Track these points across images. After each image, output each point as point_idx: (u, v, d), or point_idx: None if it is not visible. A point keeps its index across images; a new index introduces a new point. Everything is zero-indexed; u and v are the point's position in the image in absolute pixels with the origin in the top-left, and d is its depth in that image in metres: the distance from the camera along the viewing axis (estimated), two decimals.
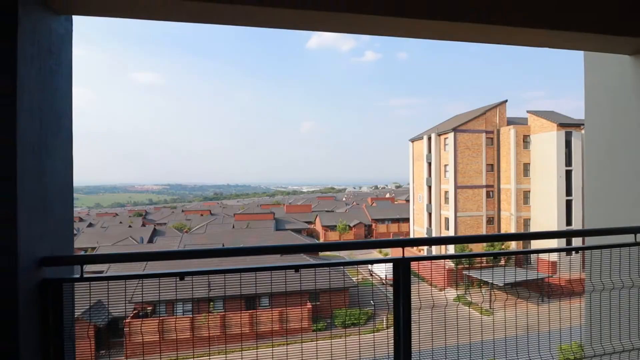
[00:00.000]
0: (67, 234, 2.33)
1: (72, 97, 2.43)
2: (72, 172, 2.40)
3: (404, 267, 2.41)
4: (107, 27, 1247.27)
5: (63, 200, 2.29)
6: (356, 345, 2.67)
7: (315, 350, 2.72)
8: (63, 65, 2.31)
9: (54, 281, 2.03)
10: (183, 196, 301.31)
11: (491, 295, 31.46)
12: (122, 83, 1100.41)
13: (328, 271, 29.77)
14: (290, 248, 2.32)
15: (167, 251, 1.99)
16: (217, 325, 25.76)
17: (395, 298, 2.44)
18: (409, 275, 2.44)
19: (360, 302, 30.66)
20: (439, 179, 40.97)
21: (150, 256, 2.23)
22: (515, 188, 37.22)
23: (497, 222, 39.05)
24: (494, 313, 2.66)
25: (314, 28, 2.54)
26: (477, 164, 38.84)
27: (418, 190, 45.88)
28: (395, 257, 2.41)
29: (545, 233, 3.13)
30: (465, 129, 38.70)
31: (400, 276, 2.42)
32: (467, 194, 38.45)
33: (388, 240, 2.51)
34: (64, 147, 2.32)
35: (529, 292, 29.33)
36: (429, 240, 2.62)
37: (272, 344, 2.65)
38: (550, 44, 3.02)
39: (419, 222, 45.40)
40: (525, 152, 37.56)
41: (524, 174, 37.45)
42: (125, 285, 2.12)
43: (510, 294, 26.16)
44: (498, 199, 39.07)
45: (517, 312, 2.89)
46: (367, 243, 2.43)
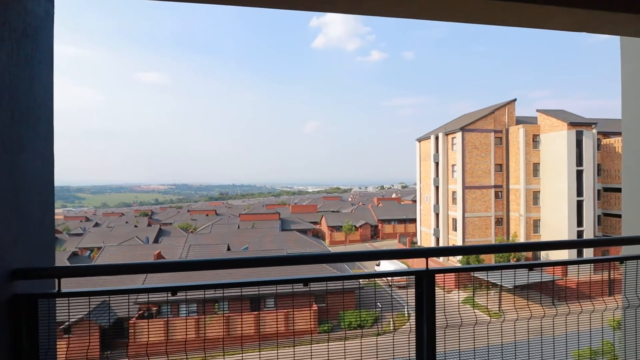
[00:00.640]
0: (46, 241, 2.05)
1: (53, 87, 2.15)
2: (52, 170, 2.12)
3: (428, 280, 2.12)
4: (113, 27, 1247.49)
5: (41, 202, 2.02)
6: (364, 348, 2.37)
7: (327, 352, 2.45)
8: (42, 51, 2.03)
9: (26, 297, 1.76)
10: (189, 196, 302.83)
11: (500, 298, 30.95)
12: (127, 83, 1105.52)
13: (338, 277, 29.39)
14: (299, 258, 2.04)
15: (159, 262, 1.71)
16: (221, 326, 25.57)
17: (418, 315, 2.14)
18: (434, 290, 2.15)
19: (367, 303, 30.29)
20: (446, 179, 40.44)
21: (138, 268, 1.95)
22: (524, 188, 36.60)
23: (505, 223, 38.45)
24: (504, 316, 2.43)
25: (319, 8, 2.23)
26: (485, 164, 38.26)
27: (425, 191, 45.37)
28: (418, 269, 2.11)
29: (583, 242, 2.79)
30: (474, 128, 38.15)
31: (424, 290, 2.12)
32: (475, 194, 37.90)
33: (410, 250, 2.21)
34: (43, 142, 2.04)
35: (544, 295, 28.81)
36: (455, 250, 2.31)
37: (277, 346, 2.34)
38: (588, 27, 2.70)
39: (426, 223, 44.89)
40: (535, 152, 36.92)
41: (534, 174, 36.82)
42: (109, 301, 1.84)
43: (521, 296, 25.66)
44: (507, 199, 38.46)
45: (530, 315, 2.53)
46: (386, 253, 2.14)
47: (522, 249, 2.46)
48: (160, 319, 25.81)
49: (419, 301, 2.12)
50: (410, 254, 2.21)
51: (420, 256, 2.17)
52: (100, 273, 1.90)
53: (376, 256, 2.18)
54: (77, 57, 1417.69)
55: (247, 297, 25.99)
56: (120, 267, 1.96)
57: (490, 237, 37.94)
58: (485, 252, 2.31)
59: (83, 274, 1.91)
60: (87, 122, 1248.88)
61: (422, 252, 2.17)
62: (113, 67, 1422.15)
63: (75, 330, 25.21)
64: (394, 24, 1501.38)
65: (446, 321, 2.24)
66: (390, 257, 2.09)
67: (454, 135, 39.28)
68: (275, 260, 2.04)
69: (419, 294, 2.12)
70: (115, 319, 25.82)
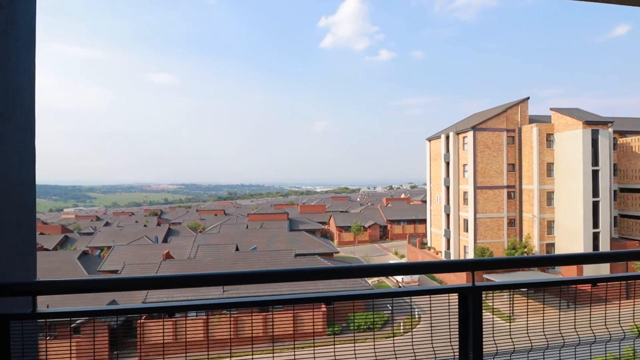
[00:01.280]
0: (24, 251, 1.74)
1: (34, 71, 1.85)
2: (34, 167, 1.82)
3: (475, 298, 1.76)
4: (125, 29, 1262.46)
5: (18, 204, 1.71)
6: (373, 350, 2.03)
7: (335, 355, 2.12)
8: (18, 27, 1.72)
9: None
10: (198, 196, 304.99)
11: (512, 300, 30.22)
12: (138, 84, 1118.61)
13: None
14: (321, 273, 1.70)
15: (155, 278, 1.42)
16: (229, 327, 25.35)
17: (462, 340, 1.78)
18: (481, 310, 1.78)
19: (377, 305, 29.89)
20: (457, 179, 39.77)
21: (128, 284, 1.62)
22: (538, 188, 35.78)
23: (518, 224, 37.64)
24: (563, 340, 2.18)
25: None
26: (497, 164, 37.51)
27: (435, 191, 44.71)
28: (462, 286, 1.76)
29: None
30: (485, 127, 37.42)
31: (469, 312, 1.76)
32: (487, 194, 37.17)
33: (454, 263, 1.85)
34: (21, 133, 1.73)
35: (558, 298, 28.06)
36: (505, 262, 1.95)
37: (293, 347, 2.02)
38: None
39: (437, 224, 44.23)
40: (549, 151, 36.08)
41: (548, 174, 35.97)
42: (94, 324, 1.51)
43: (533, 299, 24.98)
44: (520, 199, 37.66)
45: (594, 339, 2.14)
46: (424, 266, 1.78)
47: (593, 260, 2.08)
48: (169, 319, 25.71)
49: (464, 324, 1.77)
50: (452, 267, 1.85)
51: (465, 269, 1.82)
52: (82, 289, 1.59)
53: (412, 269, 1.82)
54: (89, 59, 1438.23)
55: (255, 304, 25.72)
56: (108, 282, 1.64)
57: (503, 238, 37.17)
58: (543, 264, 1.95)
59: (62, 290, 1.59)
60: (99, 123, 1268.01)
61: (467, 265, 1.82)
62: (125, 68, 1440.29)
63: (84, 329, 25.22)
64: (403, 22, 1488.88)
65: (496, 347, 1.87)
66: (428, 271, 1.74)
67: (465, 135, 38.60)
68: (289, 275, 1.70)
69: (462, 316, 1.77)
70: (124, 319, 25.80)
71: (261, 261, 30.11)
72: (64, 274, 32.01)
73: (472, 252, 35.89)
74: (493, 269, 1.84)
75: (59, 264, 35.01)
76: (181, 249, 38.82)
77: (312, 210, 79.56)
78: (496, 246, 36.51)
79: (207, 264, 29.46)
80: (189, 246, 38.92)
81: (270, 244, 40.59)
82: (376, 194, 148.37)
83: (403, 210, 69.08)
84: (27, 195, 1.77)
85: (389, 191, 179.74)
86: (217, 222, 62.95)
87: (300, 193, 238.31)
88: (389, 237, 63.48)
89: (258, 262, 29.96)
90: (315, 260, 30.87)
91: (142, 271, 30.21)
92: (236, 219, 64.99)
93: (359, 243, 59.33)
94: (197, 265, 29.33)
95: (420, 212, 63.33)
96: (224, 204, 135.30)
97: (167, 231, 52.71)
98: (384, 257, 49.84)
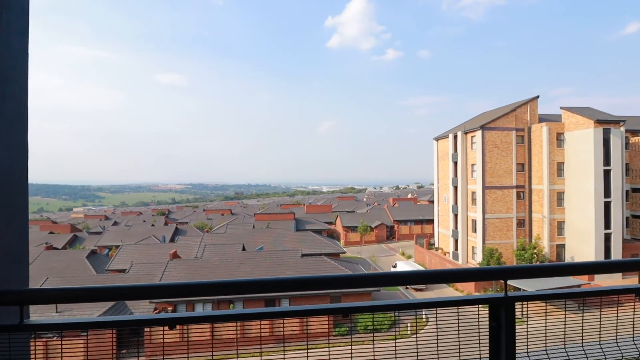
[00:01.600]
0: (13, 256, 1.60)
1: (27, 60, 1.71)
2: (26, 165, 1.68)
3: (507, 310, 1.60)
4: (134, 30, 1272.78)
5: (6, 204, 1.57)
6: (380, 352, 1.86)
7: (342, 356, 1.96)
8: (9, 10, 1.59)
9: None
10: (205, 195, 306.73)
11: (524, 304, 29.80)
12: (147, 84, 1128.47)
13: None
14: (334, 281, 1.54)
15: (150, 286, 1.29)
16: (236, 327, 25.30)
17: (494, 356, 1.62)
18: (514, 323, 1.61)
19: None
20: (465, 179, 39.34)
21: (126, 293, 1.48)
22: (548, 189, 35.23)
23: (528, 225, 37.12)
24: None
25: None
26: (506, 164, 37.02)
27: (443, 191, 44.30)
28: (493, 296, 1.60)
29: None
30: (494, 127, 36.96)
31: (502, 325, 1.59)
32: (496, 194, 36.70)
33: (485, 271, 1.67)
34: (10, 127, 1.59)
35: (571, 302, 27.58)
36: (539, 270, 1.77)
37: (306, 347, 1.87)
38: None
39: (444, 224, 43.83)
40: (559, 151, 35.51)
41: (558, 173, 35.42)
42: (87, 337, 1.37)
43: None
44: (529, 200, 37.13)
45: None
46: (455, 273, 1.62)
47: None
48: (169, 330, 25.74)
49: (495, 338, 1.60)
50: (482, 275, 1.68)
51: (496, 278, 1.65)
52: (75, 299, 1.44)
53: (437, 277, 1.65)
54: (97, 60, 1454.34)
55: (262, 298, 25.68)
56: (103, 291, 1.49)
57: (512, 239, 36.68)
58: (581, 272, 1.77)
59: (54, 299, 1.45)
60: (107, 123, 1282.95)
61: (499, 273, 1.65)
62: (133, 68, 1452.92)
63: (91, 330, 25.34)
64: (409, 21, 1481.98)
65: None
66: (456, 279, 1.58)
67: (473, 134, 38.17)
68: (300, 284, 1.53)
69: (494, 329, 1.61)
70: None
71: (268, 261, 30.03)
72: (72, 273, 32.25)
73: (481, 253, 35.47)
74: (526, 277, 1.66)
75: (68, 263, 35.30)
76: (188, 248, 38.92)
77: (319, 210, 79.41)
78: (505, 247, 36.04)
79: (214, 263, 29.45)
80: (196, 246, 39.01)
81: (276, 244, 40.53)
82: (383, 194, 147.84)
83: (410, 210, 68.63)
84: (18, 194, 1.64)
85: (395, 191, 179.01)
86: (224, 221, 63.11)
87: (307, 193, 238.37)
88: (395, 238, 63.10)
89: (264, 262, 29.88)
90: (321, 259, 30.72)
91: (150, 270, 30.30)
92: (243, 219, 65.10)
93: (366, 243, 59.06)
94: (204, 264, 29.34)
95: (428, 212, 62.86)
96: (230, 203, 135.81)
97: (175, 231, 52.94)
98: (390, 258, 49.52)
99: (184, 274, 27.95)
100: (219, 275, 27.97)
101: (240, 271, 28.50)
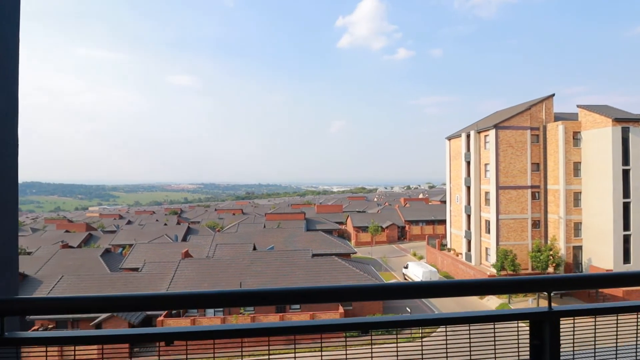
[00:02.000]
0: (1, 260, 1.49)
1: (17, 50, 1.58)
2: (16, 160, 1.56)
3: (552, 326, 1.43)
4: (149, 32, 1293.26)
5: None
6: (389, 354, 1.71)
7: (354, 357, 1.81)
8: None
9: None
10: (216, 195, 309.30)
11: (539, 304, 29.09)
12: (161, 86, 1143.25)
13: (361, 274, 28.46)
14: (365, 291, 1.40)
15: (144, 297, 1.20)
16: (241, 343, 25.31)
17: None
18: (559, 341, 1.44)
19: (395, 308, 29.31)
20: (478, 178, 38.71)
21: (115, 305, 1.37)
22: (564, 189, 34.42)
23: (543, 226, 36.33)
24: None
25: None
26: (521, 163, 36.29)
27: (455, 191, 43.70)
28: (534, 310, 1.45)
29: None
30: (508, 126, 36.27)
31: (546, 343, 1.42)
32: (510, 195, 36.01)
33: (526, 280, 1.50)
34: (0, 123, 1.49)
35: None
36: (585, 281, 1.58)
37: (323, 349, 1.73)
38: None
39: (457, 225, 43.23)
40: (576, 150, 34.66)
41: (575, 173, 34.56)
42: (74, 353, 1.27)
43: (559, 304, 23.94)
44: (545, 200, 36.34)
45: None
46: (495, 284, 1.45)
47: None
48: (188, 317, 25.92)
49: (537, 356, 1.44)
50: (521, 286, 1.51)
51: (539, 289, 1.49)
52: (64, 310, 1.33)
53: (470, 289, 1.48)
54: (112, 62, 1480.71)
55: None
56: (98, 301, 1.36)
57: (527, 240, 35.94)
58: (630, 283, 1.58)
59: (40, 310, 1.34)
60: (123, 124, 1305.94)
61: (542, 284, 1.49)
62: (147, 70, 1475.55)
63: (106, 325, 25.65)
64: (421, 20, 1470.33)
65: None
66: (491, 291, 1.42)
67: (486, 133, 37.53)
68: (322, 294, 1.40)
69: (536, 348, 1.44)
70: (143, 317, 26.17)
71: (278, 261, 30.02)
72: (87, 271, 32.80)
73: (495, 254, 34.84)
74: (573, 288, 1.50)
75: (83, 261, 35.93)
76: (200, 247, 39.21)
77: (329, 210, 79.24)
78: (520, 248, 35.34)
79: (225, 263, 29.58)
80: (208, 245, 39.28)
81: (287, 244, 40.53)
82: (394, 194, 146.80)
83: (421, 210, 67.95)
84: (6, 193, 1.52)
85: (406, 191, 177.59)
86: (235, 221, 63.46)
87: (317, 193, 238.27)
88: (407, 238, 62.56)
89: (275, 261, 29.89)
90: (332, 259, 30.58)
91: (162, 269, 30.60)
92: (254, 219, 65.36)
93: (377, 244, 58.66)
94: (215, 264, 29.49)
95: (440, 212, 62.14)
96: (241, 203, 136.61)
97: (187, 230, 53.43)
98: (402, 259, 49.08)
99: (196, 273, 28.14)
100: (230, 275, 28.08)
101: (250, 271, 28.56)
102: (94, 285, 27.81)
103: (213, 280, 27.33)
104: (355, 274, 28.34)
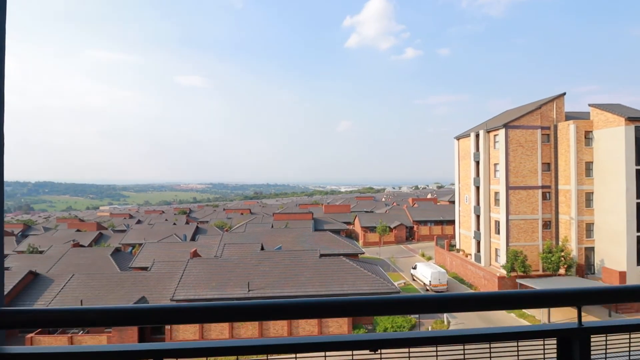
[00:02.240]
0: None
1: (3, 43, 1.53)
2: (1, 159, 1.48)
3: (583, 344, 1.32)
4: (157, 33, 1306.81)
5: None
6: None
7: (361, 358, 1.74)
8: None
9: None
10: (225, 195, 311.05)
11: (549, 313, 28.60)
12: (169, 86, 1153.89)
13: (369, 274, 28.33)
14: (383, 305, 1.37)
15: (137, 310, 1.26)
16: (253, 328, 25.44)
17: None
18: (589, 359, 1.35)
19: None
20: (488, 179, 38.30)
21: (111, 318, 1.34)
22: (575, 189, 33.87)
23: (554, 227, 35.79)
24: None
25: None
26: (531, 163, 35.80)
27: (464, 191, 43.30)
28: (562, 326, 1.34)
29: None
30: (518, 125, 35.80)
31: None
32: (520, 195, 35.55)
33: (552, 294, 1.41)
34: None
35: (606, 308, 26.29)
36: (617, 294, 1.49)
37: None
38: None
39: (466, 225, 42.83)
40: (588, 150, 34.07)
41: (586, 173, 33.98)
42: None
43: None
44: (556, 200, 35.80)
45: None
46: (519, 297, 1.34)
47: None
48: None
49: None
50: (548, 300, 1.41)
51: (568, 303, 1.39)
52: (48, 323, 1.30)
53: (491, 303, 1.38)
54: (121, 63, 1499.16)
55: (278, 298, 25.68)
56: (92, 313, 1.32)
57: (538, 241, 35.44)
58: None
59: (25, 323, 1.30)
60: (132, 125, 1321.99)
61: (571, 297, 1.38)
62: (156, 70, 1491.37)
63: None
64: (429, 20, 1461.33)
65: None
66: (514, 306, 1.32)
67: (496, 133, 37.10)
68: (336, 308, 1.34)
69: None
70: None
71: (286, 261, 30.06)
72: (97, 270, 33.21)
73: (505, 255, 34.44)
74: (604, 302, 1.38)
75: (94, 260, 36.40)
76: (208, 247, 39.46)
77: (337, 210, 79.12)
78: (530, 249, 34.88)
79: (233, 262, 29.72)
80: (216, 245, 39.51)
81: (295, 244, 40.57)
82: (402, 194, 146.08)
83: (430, 210, 67.48)
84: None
85: (414, 191, 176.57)
86: (243, 221, 63.74)
87: (325, 193, 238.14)
88: (415, 238, 62.18)
89: (283, 261, 29.92)
90: (339, 260, 30.52)
91: (171, 268, 30.85)
92: (262, 218, 65.58)
93: (385, 244, 58.41)
94: (223, 263, 29.64)
95: (448, 212, 61.64)
96: (250, 203, 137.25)
97: (195, 229, 53.81)
98: (410, 259, 48.80)
99: (204, 272, 28.31)
100: (238, 274, 28.20)
101: (258, 271, 28.64)
102: (104, 284, 28.14)
103: (221, 279, 27.48)
104: (363, 275, 28.24)
